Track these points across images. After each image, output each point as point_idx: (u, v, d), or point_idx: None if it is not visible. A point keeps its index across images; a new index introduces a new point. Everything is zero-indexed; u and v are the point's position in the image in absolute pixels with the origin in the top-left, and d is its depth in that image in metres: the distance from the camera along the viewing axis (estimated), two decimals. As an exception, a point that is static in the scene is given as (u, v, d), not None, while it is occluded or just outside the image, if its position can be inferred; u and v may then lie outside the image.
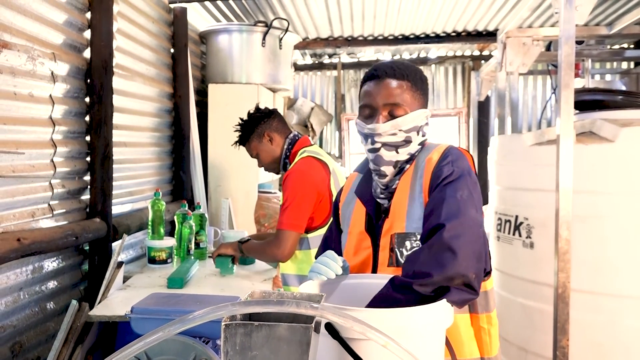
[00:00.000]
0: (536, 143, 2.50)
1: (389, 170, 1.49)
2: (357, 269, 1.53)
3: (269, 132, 2.62)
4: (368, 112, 1.49)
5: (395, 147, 1.47)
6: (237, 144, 2.72)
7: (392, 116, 1.46)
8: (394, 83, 1.47)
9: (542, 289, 2.43)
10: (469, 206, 1.35)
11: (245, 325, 0.83)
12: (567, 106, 2.15)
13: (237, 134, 2.69)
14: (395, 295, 1.25)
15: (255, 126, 2.62)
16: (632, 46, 5.88)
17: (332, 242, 1.67)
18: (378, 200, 1.54)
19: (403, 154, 1.48)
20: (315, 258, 1.71)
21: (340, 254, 1.61)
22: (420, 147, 1.51)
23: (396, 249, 1.44)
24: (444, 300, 1.26)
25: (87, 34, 2.58)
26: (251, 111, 2.69)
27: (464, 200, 1.35)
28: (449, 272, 1.24)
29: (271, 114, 2.66)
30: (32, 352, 2.23)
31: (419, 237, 1.41)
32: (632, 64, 6.00)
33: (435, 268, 1.24)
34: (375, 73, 1.50)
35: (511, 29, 3.33)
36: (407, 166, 1.50)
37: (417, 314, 1.18)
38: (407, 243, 1.43)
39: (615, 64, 6.25)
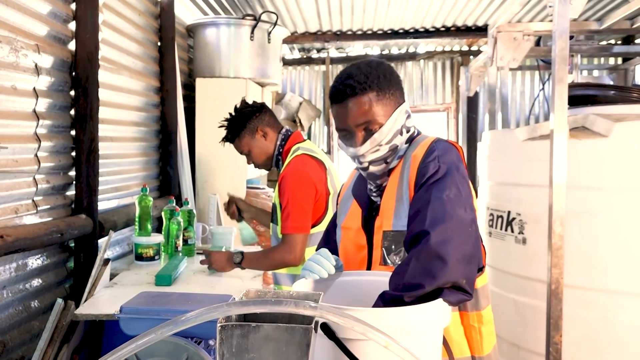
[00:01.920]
0: (529, 138, 2.48)
1: (382, 178, 1.47)
2: (356, 266, 1.52)
3: (262, 128, 2.51)
4: (344, 134, 1.45)
5: (383, 159, 1.44)
6: (225, 140, 2.59)
7: (367, 133, 1.41)
8: (358, 102, 1.39)
9: (534, 285, 2.42)
10: (457, 206, 1.30)
11: (242, 326, 0.79)
12: (561, 101, 2.13)
13: (225, 129, 2.57)
14: None
15: (247, 121, 2.50)
16: (619, 42, 5.91)
17: (334, 234, 1.65)
18: (372, 198, 1.52)
19: (393, 162, 1.46)
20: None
21: None
22: (408, 144, 1.47)
23: (384, 247, 1.42)
24: (441, 299, 1.24)
25: (72, 25, 2.51)
26: (238, 105, 2.58)
27: (450, 200, 1.30)
28: (440, 281, 1.20)
29: (262, 108, 2.56)
30: (16, 352, 2.17)
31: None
32: (619, 60, 6.02)
33: (425, 279, 1.20)
34: (336, 96, 1.41)
35: (502, 23, 3.31)
36: (396, 162, 1.46)
37: (415, 313, 1.15)
38: (397, 242, 1.40)
39: (602, 59, 6.27)
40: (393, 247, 1.40)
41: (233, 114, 2.56)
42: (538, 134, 2.44)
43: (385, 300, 1.23)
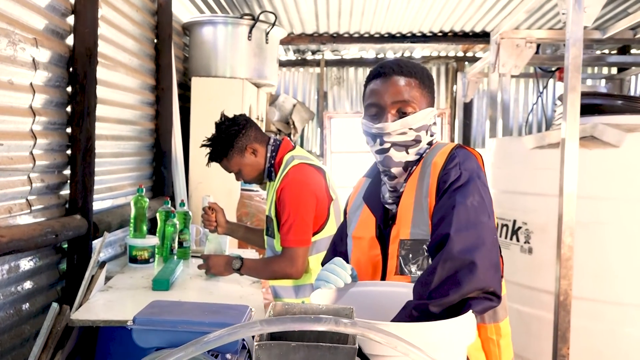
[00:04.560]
0: (537, 146, 2.45)
1: (398, 171, 1.42)
2: (369, 277, 1.47)
3: (251, 145, 2.41)
4: (375, 111, 1.42)
5: (405, 147, 1.40)
6: (212, 161, 2.47)
7: (401, 114, 1.39)
8: (402, 80, 1.41)
9: (540, 296, 2.38)
10: (481, 213, 1.28)
11: (281, 346, 0.73)
12: (573, 109, 2.10)
13: (209, 148, 2.46)
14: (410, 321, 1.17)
15: (234, 141, 2.40)
16: (614, 52, 5.93)
17: (341, 245, 1.60)
18: (386, 206, 1.47)
19: (412, 154, 1.42)
20: (323, 264, 1.64)
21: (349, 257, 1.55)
22: (428, 147, 1.45)
23: (400, 257, 1.37)
24: (470, 312, 1.19)
25: (71, 19, 2.43)
26: (219, 122, 2.45)
27: (474, 207, 1.28)
28: (466, 289, 1.17)
29: (247, 123, 2.45)
30: (6, 357, 2.08)
31: (425, 245, 1.35)
32: (613, 70, 6.05)
33: (451, 287, 1.17)
34: (382, 70, 1.43)
35: (506, 30, 3.28)
36: (415, 167, 1.43)
37: (445, 328, 1.10)
38: (414, 251, 1.36)
39: (596, 69, 6.29)
40: (410, 256, 1.36)
41: (216, 133, 2.44)
42: (546, 143, 2.40)
43: (409, 310, 1.18)
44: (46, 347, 1.89)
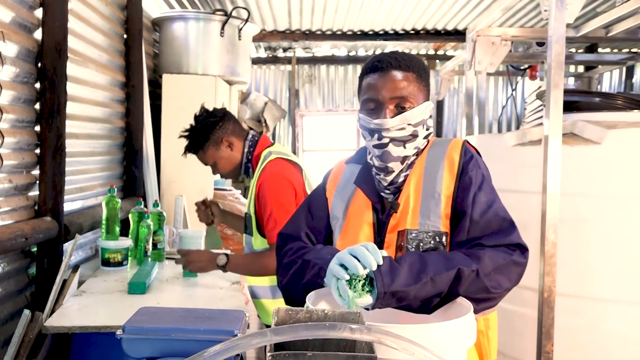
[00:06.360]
0: (518, 143, 2.45)
1: (396, 166, 1.41)
2: None
3: (227, 138, 2.40)
4: (373, 106, 1.40)
5: (403, 142, 1.40)
6: (188, 152, 2.47)
7: (399, 110, 1.38)
8: (399, 75, 1.39)
9: (522, 293, 2.36)
10: None
11: (297, 356, 0.68)
12: (556, 107, 2.10)
13: (186, 140, 2.45)
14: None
15: (210, 132, 2.38)
16: (581, 50, 6.04)
17: (312, 222, 1.52)
18: (382, 194, 1.45)
19: (410, 149, 1.41)
20: (283, 235, 1.55)
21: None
22: (425, 140, 1.45)
23: (406, 246, 1.35)
24: (471, 313, 1.17)
25: (39, 12, 2.32)
26: (197, 114, 2.46)
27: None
28: (512, 285, 1.36)
29: (224, 116, 2.44)
30: (-27, 367, 1.98)
31: (435, 236, 1.35)
32: (580, 68, 6.16)
33: (506, 282, 1.33)
34: (379, 65, 1.41)
35: (482, 27, 3.29)
36: (415, 160, 1.43)
37: (452, 330, 1.08)
38: (421, 241, 1.35)
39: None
40: (415, 245, 1.34)
41: (193, 124, 2.44)
42: (527, 140, 2.40)
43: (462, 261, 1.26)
44: (18, 355, 1.80)
